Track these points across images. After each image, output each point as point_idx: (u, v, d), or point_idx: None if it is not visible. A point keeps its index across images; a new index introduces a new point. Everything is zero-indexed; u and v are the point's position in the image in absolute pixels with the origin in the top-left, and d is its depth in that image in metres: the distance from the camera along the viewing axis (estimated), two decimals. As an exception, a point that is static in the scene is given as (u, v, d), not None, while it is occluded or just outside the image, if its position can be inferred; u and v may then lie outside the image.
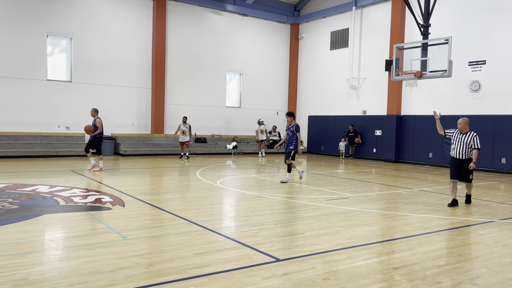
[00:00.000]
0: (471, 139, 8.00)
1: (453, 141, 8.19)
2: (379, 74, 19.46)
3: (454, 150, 8.21)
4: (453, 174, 8.26)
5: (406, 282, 4.15)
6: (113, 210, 7.10)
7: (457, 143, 8.14)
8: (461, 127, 8.13)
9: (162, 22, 19.78)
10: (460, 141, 8.11)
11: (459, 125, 8.13)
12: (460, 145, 8.10)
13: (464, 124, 8.12)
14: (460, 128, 8.15)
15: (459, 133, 8.18)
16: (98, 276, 4.04)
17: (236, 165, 16.12)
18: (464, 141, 8.05)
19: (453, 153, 8.25)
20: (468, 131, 8.11)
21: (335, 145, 21.64)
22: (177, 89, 20.66)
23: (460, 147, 8.09)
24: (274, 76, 23.99)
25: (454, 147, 8.18)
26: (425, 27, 14.81)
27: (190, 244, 5.21)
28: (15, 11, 16.77)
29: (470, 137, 8.02)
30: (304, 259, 4.75)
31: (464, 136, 8.09)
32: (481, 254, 5.17)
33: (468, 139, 8.03)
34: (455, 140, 8.18)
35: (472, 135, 8.02)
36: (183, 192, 9.62)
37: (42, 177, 10.83)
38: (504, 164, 15.13)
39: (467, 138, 8.04)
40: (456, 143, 8.16)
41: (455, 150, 8.18)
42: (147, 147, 19.10)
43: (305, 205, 8.16)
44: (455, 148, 8.18)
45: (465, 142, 8.04)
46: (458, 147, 8.12)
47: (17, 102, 16.97)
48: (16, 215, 6.52)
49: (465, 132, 8.11)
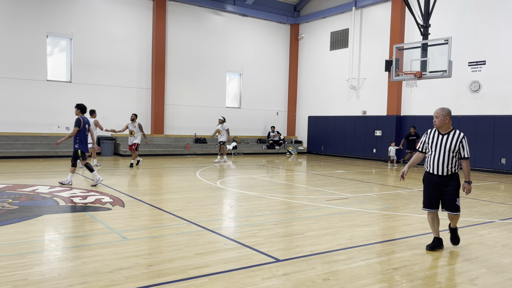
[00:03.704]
0: (458, 143, 5.13)
1: (429, 147, 5.30)
2: (379, 74, 19.46)
3: (430, 160, 5.27)
4: (430, 199, 5.29)
5: (406, 283, 4.15)
6: (113, 211, 7.10)
7: (435, 149, 5.23)
8: (439, 122, 5.21)
9: (162, 22, 19.78)
10: (439, 146, 5.19)
11: (435, 120, 5.23)
12: (439, 152, 5.18)
13: (443, 117, 5.19)
14: (437, 124, 5.22)
15: (436, 133, 5.28)
16: (98, 277, 4.04)
17: (236, 165, 16.11)
18: (446, 146, 5.15)
19: (428, 165, 5.30)
20: (450, 130, 5.23)
21: (335, 145, 21.64)
22: (177, 90, 20.66)
23: (440, 156, 5.17)
24: (274, 76, 23.99)
25: (430, 155, 5.28)
26: (425, 28, 14.82)
27: (190, 244, 5.21)
28: (15, 12, 16.77)
29: (455, 139, 5.14)
30: (304, 259, 4.75)
31: (446, 137, 5.19)
32: (481, 254, 5.17)
33: (452, 143, 5.13)
34: (431, 144, 5.28)
35: (458, 136, 5.16)
36: (183, 192, 9.61)
37: (42, 178, 10.83)
38: (504, 164, 15.13)
39: (451, 140, 5.15)
40: (433, 150, 5.25)
41: (431, 161, 5.25)
42: (147, 148, 19.09)
43: (305, 205, 8.15)
44: (431, 157, 5.25)
45: (448, 147, 5.14)
46: (436, 156, 5.21)
47: (17, 103, 16.97)
48: (16, 216, 6.52)
49: (446, 131, 5.23)
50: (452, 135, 5.19)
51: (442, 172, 5.18)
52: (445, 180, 5.20)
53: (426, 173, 5.38)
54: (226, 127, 16.76)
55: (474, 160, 15.71)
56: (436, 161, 5.19)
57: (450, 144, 5.14)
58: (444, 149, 5.16)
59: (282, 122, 24.55)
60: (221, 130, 16.71)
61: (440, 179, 5.21)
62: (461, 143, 5.14)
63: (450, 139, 5.17)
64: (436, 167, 5.20)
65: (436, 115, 5.24)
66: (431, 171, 5.25)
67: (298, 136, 24.55)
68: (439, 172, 5.19)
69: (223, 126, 16.71)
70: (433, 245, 5.28)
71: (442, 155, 5.16)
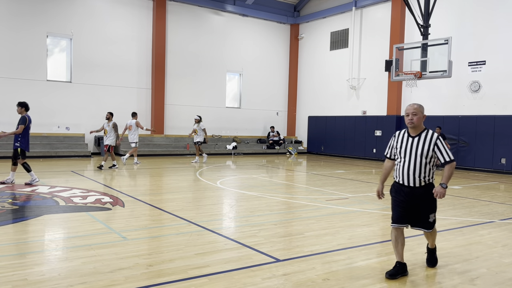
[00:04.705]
0: (431, 146, 4.18)
1: (398, 152, 4.37)
2: (379, 74, 19.46)
3: (399, 168, 4.35)
4: (399, 213, 4.37)
5: (406, 283, 4.15)
6: (113, 211, 7.10)
7: (404, 154, 4.29)
8: (416, 121, 4.23)
9: (162, 22, 19.78)
10: (409, 151, 4.25)
11: (412, 118, 4.24)
12: (409, 159, 4.24)
13: (422, 114, 4.25)
14: (414, 123, 4.24)
15: (406, 135, 4.34)
16: (98, 277, 4.04)
17: (236, 165, 16.11)
18: (418, 150, 4.20)
19: (397, 174, 4.38)
20: (422, 130, 4.27)
21: (335, 145, 21.63)
22: (177, 90, 20.66)
23: (411, 163, 4.23)
24: (274, 76, 23.99)
25: (400, 162, 4.35)
26: (425, 28, 14.83)
27: (190, 244, 5.21)
28: (15, 12, 16.76)
29: (428, 142, 4.19)
30: (304, 259, 4.75)
31: (417, 140, 4.24)
32: (481, 254, 5.17)
33: (425, 146, 4.19)
34: (400, 149, 4.34)
35: (431, 137, 4.20)
36: (183, 192, 9.61)
37: (42, 178, 10.83)
38: (504, 164, 15.13)
39: (423, 143, 4.20)
40: (402, 156, 4.31)
41: (400, 170, 4.32)
42: (147, 148, 19.10)
43: (305, 205, 8.15)
44: (401, 164, 4.33)
45: (420, 152, 4.19)
46: (406, 164, 4.27)
47: (16, 103, 16.92)
48: (16, 216, 6.52)
49: (417, 132, 4.27)
50: (424, 137, 4.23)
51: (413, 182, 4.24)
52: (417, 193, 4.27)
53: (395, 184, 4.42)
54: (202, 126, 16.30)
55: (474, 160, 15.72)
56: (406, 170, 4.26)
57: (422, 148, 4.19)
58: (415, 155, 4.21)
59: (282, 122, 24.55)
60: (198, 130, 16.18)
61: (411, 191, 4.28)
62: (435, 145, 4.18)
63: (422, 142, 4.21)
64: (407, 176, 4.27)
65: (414, 112, 4.23)
66: (401, 181, 4.33)
67: (298, 136, 24.55)
68: (410, 182, 4.26)
69: (199, 125, 16.22)
70: (395, 271, 4.27)
71: (413, 162, 4.22)
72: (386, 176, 4.55)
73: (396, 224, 4.39)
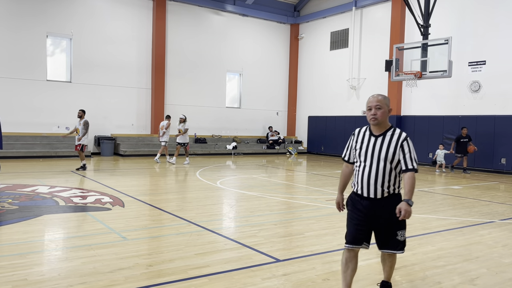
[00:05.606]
0: (397, 147, 3.38)
1: (357, 154, 3.52)
2: (379, 74, 19.46)
3: (358, 175, 3.51)
4: (353, 231, 3.54)
5: (406, 283, 4.15)
6: (113, 211, 7.10)
7: (365, 158, 3.46)
8: (380, 116, 3.41)
9: (162, 22, 19.78)
10: (370, 154, 3.43)
11: (376, 113, 3.41)
12: (371, 164, 3.42)
13: (387, 108, 3.45)
14: (378, 119, 3.41)
15: (367, 134, 3.51)
16: (98, 277, 4.04)
17: (236, 165, 16.11)
18: (381, 153, 3.39)
19: (356, 182, 3.54)
20: (388, 129, 3.46)
21: (335, 145, 21.62)
22: (177, 89, 20.65)
23: (372, 169, 3.42)
24: (274, 76, 23.98)
25: (359, 167, 3.51)
26: (425, 27, 14.82)
27: (190, 244, 5.21)
28: (15, 12, 16.75)
29: (394, 143, 3.39)
30: (304, 259, 4.75)
31: (381, 141, 3.42)
32: (481, 254, 5.17)
33: (390, 148, 3.38)
34: (359, 151, 3.50)
35: (398, 137, 3.40)
36: (183, 192, 9.62)
37: (42, 178, 10.83)
38: (504, 164, 15.12)
39: (387, 145, 3.39)
40: (362, 160, 3.48)
41: (359, 177, 3.49)
42: (147, 148, 19.10)
43: (305, 205, 8.15)
44: (360, 170, 3.49)
45: (384, 156, 3.38)
46: (366, 169, 3.44)
47: (16, 103, 16.96)
48: (16, 216, 6.52)
49: (381, 130, 3.46)
50: (390, 136, 3.40)
51: (374, 193, 3.40)
52: (379, 206, 3.42)
53: (352, 195, 3.57)
54: (186, 126, 15.61)
55: (474, 160, 15.71)
56: (366, 177, 3.41)
57: (387, 151, 3.36)
58: (378, 158, 3.38)
59: (282, 122, 24.55)
60: (182, 130, 15.53)
61: (371, 204, 3.43)
62: (401, 148, 3.36)
63: (387, 142, 3.38)
64: (366, 185, 3.41)
65: (378, 105, 3.39)
66: (359, 191, 3.47)
67: (298, 136, 24.55)
68: (371, 193, 3.41)
69: (184, 125, 15.57)
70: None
71: (375, 167, 3.38)
72: (345, 184, 3.73)
73: (350, 245, 3.53)
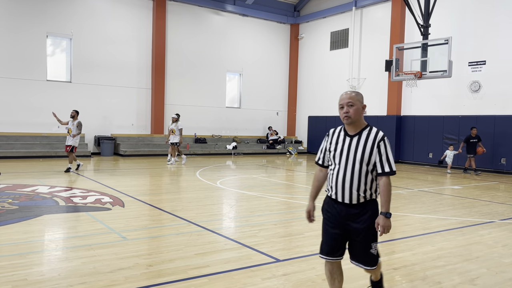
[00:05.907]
0: (374, 148, 3.11)
1: (331, 156, 3.24)
2: (379, 74, 19.46)
3: (332, 179, 3.23)
4: (330, 241, 3.32)
5: (406, 283, 4.15)
6: (113, 211, 7.10)
7: (339, 160, 3.18)
8: (353, 114, 3.12)
9: (162, 22, 19.78)
10: (345, 156, 3.15)
11: (348, 110, 3.12)
12: (345, 166, 3.15)
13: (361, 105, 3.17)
14: (352, 117, 3.13)
15: (342, 134, 3.24)
16: (98, 277, 4.04)
17: (236, 165, 16.11)
18: (356, 155, 3.12)
19: (330, 186, 3.27)
20: (364, 127, 3.19)
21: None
22: (177, 89, 20.65)
23: (347, 172, 3.14)
24: (274, 76, 23.98)
25: (333, 170, 3.23)
26: (425, 27, 14.82)
27: (190, 244, 5.21)
28: (15, 12, 16.76)
29: (371, 143, 3.11)
30: (304, 259, 4.75)
31: (356, 141, 3.15)
32: (481, 254, 5.17)
33: (366, 149, 3.11)
34: (334, 152, 3.22)
35: (375, 137, 3.13)
36: (183, 192, 9.61)
37: (42, 178, 10.83)
38: (504, 164, 15.12)
39: (363, 145, 3.12)
40: (336, 162, 3.20)
41: (334, 180, 3.21)
42: (147, 148, 19.10)
43: (305, 205, 8.10)
44: (334, 173, 3.21)
45: (359, 157, 3.11)
46: (341, 172, 3.16)
47: (16, 103, 16.96)
48: (16, 216, 6.52)
49: (356, 130, 3.18)
50: (366, 136, 3.12)
51: (349, 198, 3.14)
52: (354, 212, 3.16)
53: (328, 199, 3.32)
54: (180, 126, 15.18)
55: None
56: (341, 180, 3.14)
57: (363, 152, 3.09)
58: (353, 160, 3.10)
59: (282, 122, 24.55)
60: (175, 129, 15.08)
61: (346, 210, 3.18)
62: (378, 148, 3.09)
63: (363, 143, 3.11)
64: (341, 189, 3.15)
65: (350, 102, 3.11)
66: (333, 195, 3.23)
67: (298, 136, 24.55)
68: (345, 198, 3.15)
69: (177, 125, 15.14)
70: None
71: (350, 169, 3.11)
72: (317, 191, 3.44)
73: (326, 257, 3.28)
